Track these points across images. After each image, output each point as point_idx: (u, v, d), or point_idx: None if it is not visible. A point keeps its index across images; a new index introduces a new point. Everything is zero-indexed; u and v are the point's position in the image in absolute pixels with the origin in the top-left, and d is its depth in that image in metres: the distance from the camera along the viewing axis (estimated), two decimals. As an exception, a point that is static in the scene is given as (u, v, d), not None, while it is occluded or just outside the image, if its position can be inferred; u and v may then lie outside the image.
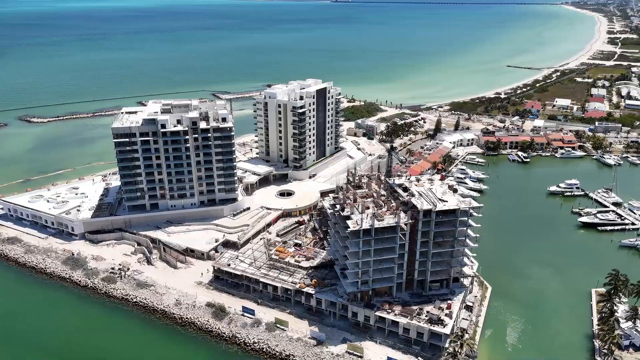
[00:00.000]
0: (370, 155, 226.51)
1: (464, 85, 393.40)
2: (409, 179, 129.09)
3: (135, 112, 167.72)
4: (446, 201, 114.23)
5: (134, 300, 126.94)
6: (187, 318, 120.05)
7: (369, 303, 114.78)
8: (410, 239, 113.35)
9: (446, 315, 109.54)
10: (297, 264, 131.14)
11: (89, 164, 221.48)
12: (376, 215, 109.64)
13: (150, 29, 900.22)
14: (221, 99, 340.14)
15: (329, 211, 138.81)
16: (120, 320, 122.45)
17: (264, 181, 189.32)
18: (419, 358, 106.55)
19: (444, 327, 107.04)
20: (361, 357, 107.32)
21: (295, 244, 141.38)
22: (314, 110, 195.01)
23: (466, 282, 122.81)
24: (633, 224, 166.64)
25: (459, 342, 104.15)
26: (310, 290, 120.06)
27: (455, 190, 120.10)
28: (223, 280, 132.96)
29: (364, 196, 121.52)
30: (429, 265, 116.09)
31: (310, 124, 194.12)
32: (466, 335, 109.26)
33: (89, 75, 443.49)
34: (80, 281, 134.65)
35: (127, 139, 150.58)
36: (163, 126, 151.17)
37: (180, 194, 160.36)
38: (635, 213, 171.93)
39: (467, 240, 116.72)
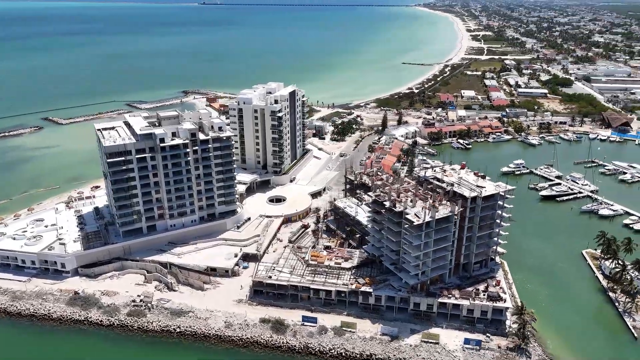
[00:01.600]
0: (332, 154, 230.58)
1: (374, 84, 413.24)
2: (434, 170, 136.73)
3: (114, 128, 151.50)
4: (484, 187, 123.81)
5: (178, 330, 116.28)
6: (247, 338, 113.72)
7: (429, 292, 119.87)
8: (459, 226, 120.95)
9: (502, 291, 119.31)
10: (338, 265, 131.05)
11: (26, 192, 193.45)
12: (434, 207, 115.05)
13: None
14: (139, 108, 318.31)
15: (364, 209, 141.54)
16: (173, 354, 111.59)
17: (247, 190, 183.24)
18: (487, 334, 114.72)
19: (504, 302, 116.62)
20: (437, 343, 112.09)
21: (326, 247, 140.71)
22: (288, 114, 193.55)
23: (498, 259, 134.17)
24: (580, 192, 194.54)
25: (520, 314, 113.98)
26: (367, 288, 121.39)
27: (483, 177, 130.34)
28: (263, 294, 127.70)
29: (406, 191, 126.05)
30: (473, 249, 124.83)
31: (286, 128, 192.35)
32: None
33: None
34: (101, 321, 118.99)
35: (122, 158, 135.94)
36: (162, 140, 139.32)
37: (181, 211, 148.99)
38: (578, 183, 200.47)
39: (502, 222, 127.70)
